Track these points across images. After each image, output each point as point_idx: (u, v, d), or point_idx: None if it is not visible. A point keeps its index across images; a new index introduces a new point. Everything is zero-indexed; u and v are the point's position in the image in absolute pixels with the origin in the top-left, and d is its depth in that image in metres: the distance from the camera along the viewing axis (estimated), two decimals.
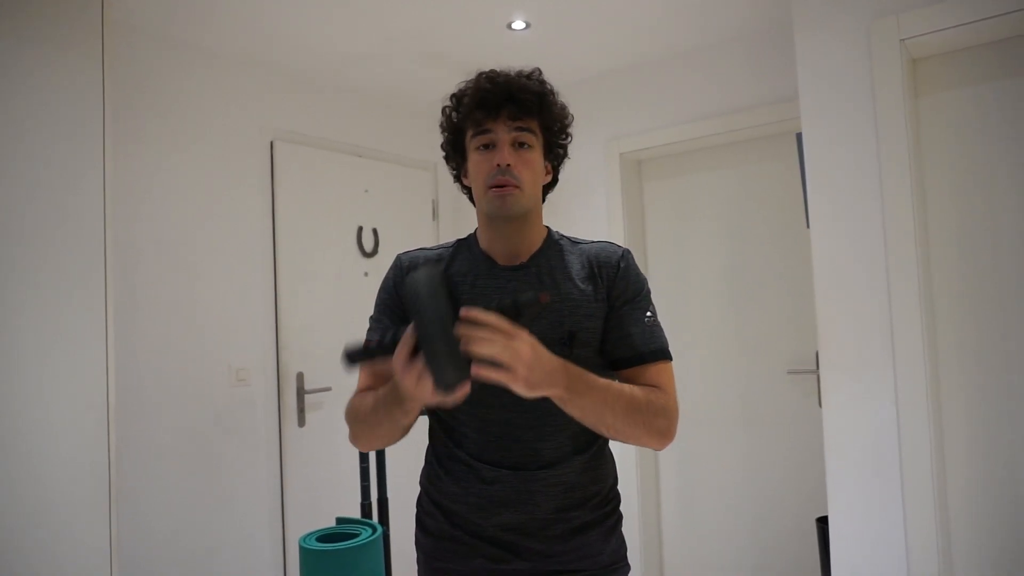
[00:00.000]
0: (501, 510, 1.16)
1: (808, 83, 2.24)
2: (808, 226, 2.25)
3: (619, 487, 1.29)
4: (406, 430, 1.13)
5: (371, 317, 1.25)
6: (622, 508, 1.29)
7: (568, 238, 1.27)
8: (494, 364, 0.90)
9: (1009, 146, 2.07)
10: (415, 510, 1.30)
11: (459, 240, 1.28)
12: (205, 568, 2.62)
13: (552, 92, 1.18)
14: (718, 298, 3.08)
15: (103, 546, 1.95)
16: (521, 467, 1.15)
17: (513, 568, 1.17)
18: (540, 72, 1.19)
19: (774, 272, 2.93)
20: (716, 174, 3.10)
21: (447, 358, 0.84)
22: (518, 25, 2.71)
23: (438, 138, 1.18)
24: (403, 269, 1.23)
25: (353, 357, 0.93)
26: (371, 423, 1.12)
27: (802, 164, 2.29)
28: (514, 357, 0.91)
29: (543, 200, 1.25)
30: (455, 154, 1.23)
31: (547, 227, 1.26)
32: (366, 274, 3.29)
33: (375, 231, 3.35)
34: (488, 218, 1.19)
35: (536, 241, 1.22)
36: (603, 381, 1.07)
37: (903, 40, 2.07)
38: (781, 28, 2.74)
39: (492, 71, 1.16)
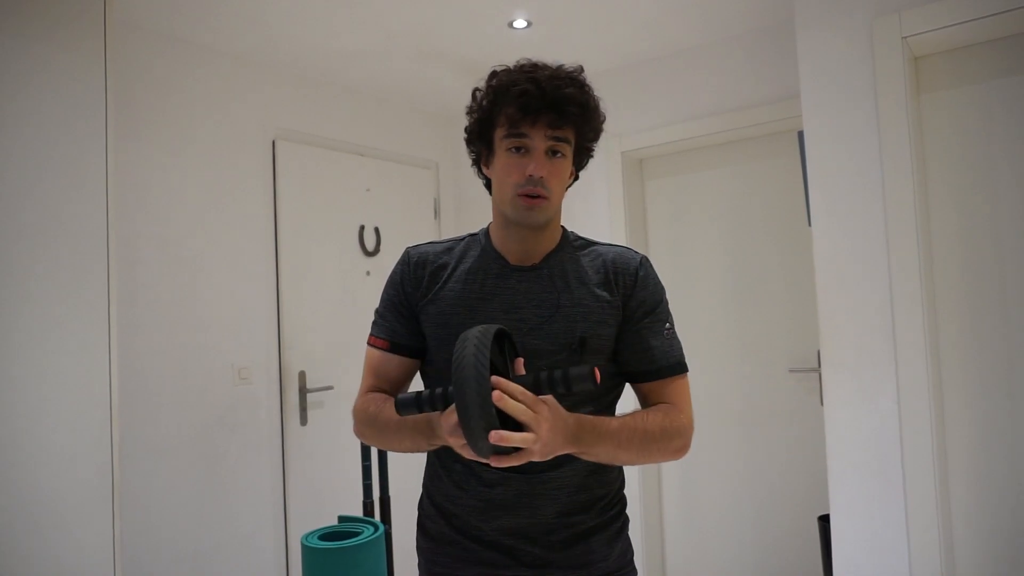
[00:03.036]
0: (502, 514, 1.13)
1: (810, 81, 2.24)
2: (810, 224, 2.25)
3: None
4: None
5: (376, 311, 1.23)
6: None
7: (583, 239, 1.24)
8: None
9: (1011, 144, 2.07)
10: (416, 512, 1.29)
11: (471, 235, 1.24)
12: (208, 565, 2.62)
13: (594, 97, 1.14)
14: (719, 296, 3.08)
15: (107, 544, 1.96)
16: (524, 469, 1.09)
17: (514, 575, 1.14)
18: (582, 71, 1.13)
19: (776, 270, 2.93)
20: (718, 172, 3.10)
21: (483, 435, 0.89)
22: (519, 24, 2.70)
23: (440, 137, 1.14)
24: (411, 264, 1.21)
25: (405, 409, 0.98)
26: (392, 440, 1.13)
27: (804, 162, 2.29)
28: (532, 440, 0.90)
29: None
30: (479, 141, 1.17)
31: (562, 227, 1.23)
32: (368, 273, 3.29)
33: (377, 230, 3.35)
34: (507, 219, 1.16)
35: (551, 242, 1.19)
36: (615, 425, 1.05)
37: (905, 37, 2.07)
38: (783, 26, 2.74)
39: (535, 67, 1.10)
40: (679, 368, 1.19)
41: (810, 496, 2.78)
